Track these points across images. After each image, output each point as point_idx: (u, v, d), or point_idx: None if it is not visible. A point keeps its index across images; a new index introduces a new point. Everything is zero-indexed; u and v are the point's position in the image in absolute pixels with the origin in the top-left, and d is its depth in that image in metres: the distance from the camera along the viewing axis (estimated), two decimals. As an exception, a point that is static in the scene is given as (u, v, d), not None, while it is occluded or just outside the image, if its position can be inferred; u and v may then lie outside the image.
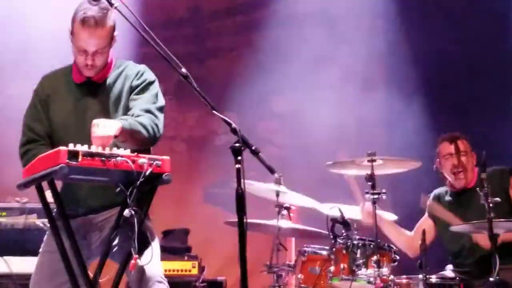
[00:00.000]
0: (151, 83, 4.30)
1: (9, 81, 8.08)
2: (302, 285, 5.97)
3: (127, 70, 4.33)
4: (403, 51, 8.93)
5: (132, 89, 4.27)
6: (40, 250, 4.28)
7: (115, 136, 3.91)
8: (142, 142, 4.08)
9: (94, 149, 3.73)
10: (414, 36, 8.86)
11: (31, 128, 4.29)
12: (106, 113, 4.12)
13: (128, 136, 3.99)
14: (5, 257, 6.57)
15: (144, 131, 4.06)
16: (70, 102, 4.27)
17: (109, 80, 4.30)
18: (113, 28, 4.19)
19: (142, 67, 4.36)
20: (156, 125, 4.15)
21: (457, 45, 8.68)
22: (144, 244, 3.99)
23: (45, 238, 4.29)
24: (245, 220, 3.76)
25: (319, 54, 8.94)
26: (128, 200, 3.77)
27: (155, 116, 4.18)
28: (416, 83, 8.75)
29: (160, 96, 4.30)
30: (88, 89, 4.28)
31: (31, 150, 4.21)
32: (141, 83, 4.27)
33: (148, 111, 4.17)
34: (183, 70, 3.91)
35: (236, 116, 7.05)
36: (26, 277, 6.42)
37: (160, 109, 4.24)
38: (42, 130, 4.27)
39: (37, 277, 4.22)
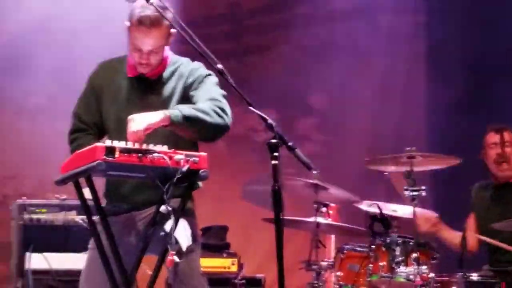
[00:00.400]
0: (206, 76, 4.24)
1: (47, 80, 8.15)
2: (341, 283, 5.95)
3: (182, 68, 4.29)
4: (446, 48, 8.84)
5: (186, 88, 4.23)
6: (89, 246, 4.28)
7: (165, 126, 3.89)
8: (208, 129, 4.00)
9: (131, 145, 3.73)
10: (456, 32, 8.77)
11: (80, 117, 4.30)
12: (155, 110, 4.02)
13: (185, 126, 3.93)
14: (44, 254, 6.63)
15: (205, 116, 3.97)
16: (120, 96, 4.26)
17: (162, 78, 4.27)
18: (170, 27, 4.14)
19: (196, 64, 4.30)
20: (221, 108, 4.06)
21: (502, 44, 8.57)
22: (182, 240, 3.98)
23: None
24: (282, 217, 3.74)
25: (359, 51, 8.89)
26: (164, 196, 3.76)
27: (219, 101, 4.10)
28: (459, 80, 8.66)
29: (219, 86, 4.23)
30: (141, 84, 4.26)
31: (77, 139, 4.23)
32: (196, 79, 4.23)
33: (210, 98, 4.10)
34: (219, 65, 3.89)
35: (275, 113, 7.02)
36: (65, 273, 6.52)
37: (224, 96, 4.16)
38: (91, 120, 4.28)
39: (87, 272, 4.24)
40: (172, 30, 4.17)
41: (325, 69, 8.91)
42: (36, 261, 6.69)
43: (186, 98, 4.20)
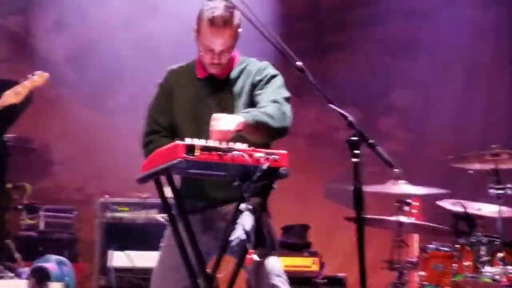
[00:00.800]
0: (273, 76, 4.26)
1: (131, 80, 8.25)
2: (425, 283, 5.88)
3: (249, 66, 4.31)
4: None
5: (254, 86, 4.24)
6: (162, 244, 4.31)
7: (239, 130, 3.90)
8: (271, 132, 4.03)
9: (211, 143, 3.72)
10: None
11: (154, 119, 4.33)
12: (226, 109, 4.08)
13: (254, 129, 3.95)
14: (127, 252, 6.71)
15: (270, 120, 4.00)
16: (191, 97, 4.29)
17: (231, 77, 4.29)
18: (239, 26, 4.18)
19: (264, 63, 4.33)
20: (283, 113, 4.09)
21: None
22: (261, 239, 3.96)
23: (166, 232, 4.31)
24: (363, 216, 3.69)
25: (442, 46, 8.77)
26: (244, 194, 3.75)
27: (282, 104, 4.13)
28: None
29: (285, 88, 4.25)
30: (210, 85, 4.28)
31: (152, 142, 4.25)
32: (263, 78, 4.24)
33: (274, 101, 4.13)
34: (299, 63, 3.86)
35: (357, 111, 6.95)
36: (147, 271, 6.57)
37: (287, 99, 4.18)
38: (165, 122, 4.31)
39: (159, 270, 4.26)
40: (240, 30, 4.19)
41: (407, 66, 8.82)
42: (119, 259, 6.77)
43: (253, 97, 4.22)
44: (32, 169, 8.72)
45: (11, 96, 4.53)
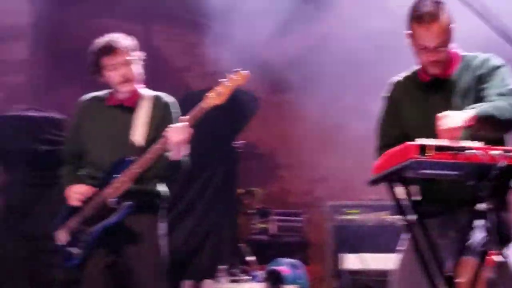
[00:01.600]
0: (496, 68, 4.13)
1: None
2: None
3: (472, 61, 4.20)
4: None
5: (478, 81, 4.13)
6: (401, 247, 4.26)
7: (469, 126, 3.79)
8: (498, 126, 3.89)
9: (443, 142, 3.62)
10: None
11: (385, 132, 4.34)
12: (454, 108, 3.97)
13: (482, 124, 3.82)
14: (359, 254, 6.70)
15: (497, 113, 3.86)
16: (418, 102, 4.24)
17: (455, 75, 4.19)
18: (450, 21, 4.08)
19: (487, 55, 4.20)
20: (510, 104, 3.92)
21: None
22: (504, 240, 3.83)
23: (403, 235, 4.24)
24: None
25: None
26: (481, 194, 3.63)
27: (508, 97, 3.97)
28: None
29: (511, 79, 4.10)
30: (435, 86, 4.21)
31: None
32: (487, 71, 4.13)
33: (499, 94, 3.99)
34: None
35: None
36: (380, 273, 6.53)
37: None
38: (396, 133, 4.27)
39: (399, 275, 4.23)
40: (452, 25, 4.08)
41: None
42: (351, 261, 6.77)
43: (479, 92, 4.10)
44: (260, 174, 8.89)
45: (214, 98, 4.63)
